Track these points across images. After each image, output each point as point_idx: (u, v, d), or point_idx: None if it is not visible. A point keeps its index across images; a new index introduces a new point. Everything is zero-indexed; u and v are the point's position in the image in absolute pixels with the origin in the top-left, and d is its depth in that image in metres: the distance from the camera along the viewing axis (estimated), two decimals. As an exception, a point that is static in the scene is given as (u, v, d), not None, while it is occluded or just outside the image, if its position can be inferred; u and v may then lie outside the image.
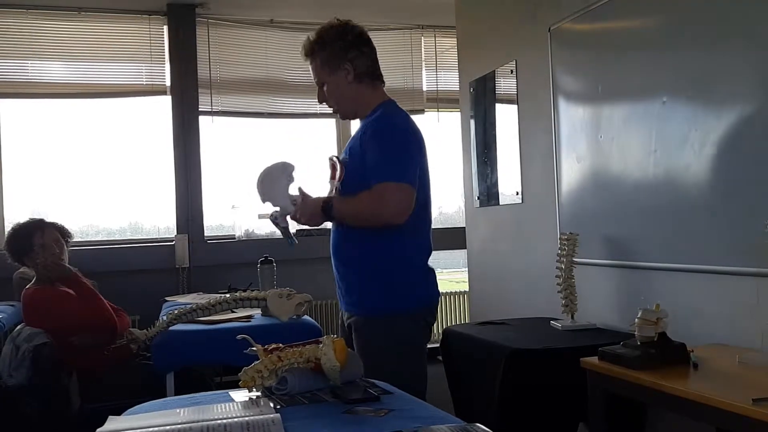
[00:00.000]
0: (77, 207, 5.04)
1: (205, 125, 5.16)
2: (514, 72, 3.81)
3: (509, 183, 3.91)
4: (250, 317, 3.08)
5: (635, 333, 2.17)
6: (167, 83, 5.09)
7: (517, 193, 3.80)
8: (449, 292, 5.79)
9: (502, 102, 4.02)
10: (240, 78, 5.26)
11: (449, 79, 5.48)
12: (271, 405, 1.48)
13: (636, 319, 2.17)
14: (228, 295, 2.99)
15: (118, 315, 3.22)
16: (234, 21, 5.25)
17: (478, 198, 4.27)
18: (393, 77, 5.44)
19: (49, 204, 4.96)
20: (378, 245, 2.14)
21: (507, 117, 3.90)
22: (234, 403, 1.52)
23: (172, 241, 5.01)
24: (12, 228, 3.27)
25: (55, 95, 4.96)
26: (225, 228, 5.32)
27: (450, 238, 5.12)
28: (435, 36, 5.69)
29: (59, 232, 3.25)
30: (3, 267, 3.48)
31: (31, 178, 4.96)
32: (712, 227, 2.46)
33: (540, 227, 3.57)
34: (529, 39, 3.62)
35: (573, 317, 3.02)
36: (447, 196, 5.91)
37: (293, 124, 5.49)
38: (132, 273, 4.78)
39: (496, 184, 4.06)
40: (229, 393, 1.64)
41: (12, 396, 2.78)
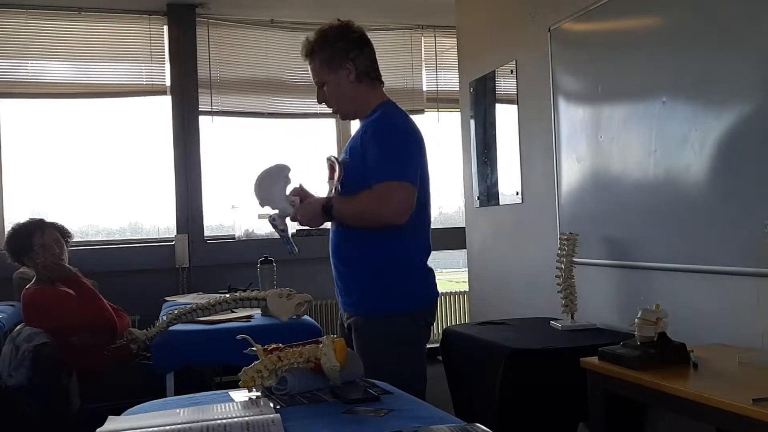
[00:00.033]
0: (77, 207, 5.04)
1: (205, 125, 5.16)
2: (514, 72, 3.81)
3: (509, 183, 3.91)
4: (250, 317, 3.08)
5: (635, 333, 2.17)
6: (167, 83, 5.09)
7: (517, 193, 3.80)
8: (449, 292, 5.79)
9: (502, 102, 4.02)
10: (240, 78, 5.26)
11: (449, 79, 5.48)
12: (271, 405, 1.48)
13: (636, 319, 2.17)
14: (228, 295, 2.99)
15: (118, 315, 3.22)
16: (234, 21, 5.25)
17: (478, 198, 4.27)
18: (393, 77, 5.44)
19: (49, 204, 4.96)
20: (378, 245, 2.14)
21: (507, 117, 3.90)
22: (234, 403, 1.52)
23: (172, 241, 5.02)
24: (12, 228, 3.27)
25: (55, 95, 4.96)
26: (225, 228, 5.32)
27: (450, 238, 5.12)
28: (435, 36, 5.69)
29: (59, 232, 3.25)
30: (3, 267, 3.48)
31: (31, 178, 4.96)
32: (712, 227, 2.46)
33: (540, 227, 3.57)
34: (529, 39, 3.62)
35: (573, 317, 3.02)
36: (447, 196, 5.91)
37: (293, 124, 5.50)
38: (132, 273, 4.78)
39: (496, 184, 4.06)
40: (229, 393, 1.64)
41: (12, 396, 2.78)
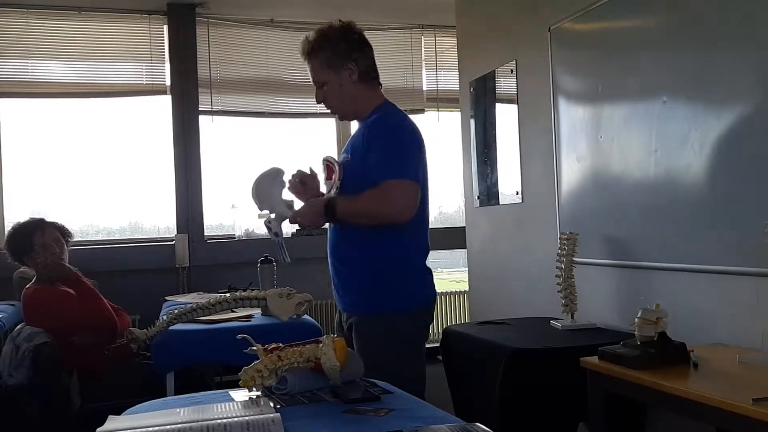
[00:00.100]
0: (77, 207, 5.04)
1: (205, 125, 5.16)
2: (514, 72, 3.81)
3: (509, 183, 3.91)
4: (250, 317, 3.08)
5: (635, 333, 2.17)
6: (167, 83, 5.09)
7: (517, 193, 3.80)
8: (449, 291, 5.79)
9: (502, 102, 4.02)
10: (240, 77, 5.26)
11: (449, 79, 5.48)
12: (271, 404, 1.48)
13: (636, 319, 2.17)
14: (228, 295, 2.98)
15: (118, 314, 3.22)
16: (234, 21, 5.25)
17: (478, 198, 4.27)
18: (393, 77, 5.45)
19: (49, 204, 4.96)
20: (377, 245, 2.14)
21: (507, 117, 3.90)
22: (234, 403, 1.52)
23: (172, 241, 5.02)
24: (12, 227, 3.27)
25: (56, 95, 4.96)
26: (225, 228, 5.33)
27: (450, 237, 5.13)
28: (435, 35, 5.69)
29: (59, 231, 3.26)
30: (3, 266, 3.48)
31: (31, 178, 4.96)
32: (712, 227, 2.46)
33: (540, 227, 3.57)
34: (529, 39, 3.62)
35: (573, 317, 3.02)
36: (447, 195, 5.91)
37: (293, 123, 5.50)
38: (132, 273, 4.78)
39: (496, 183, 4.06)
40: (229, 392, 1.63)
41: (12, 395, 2.78)
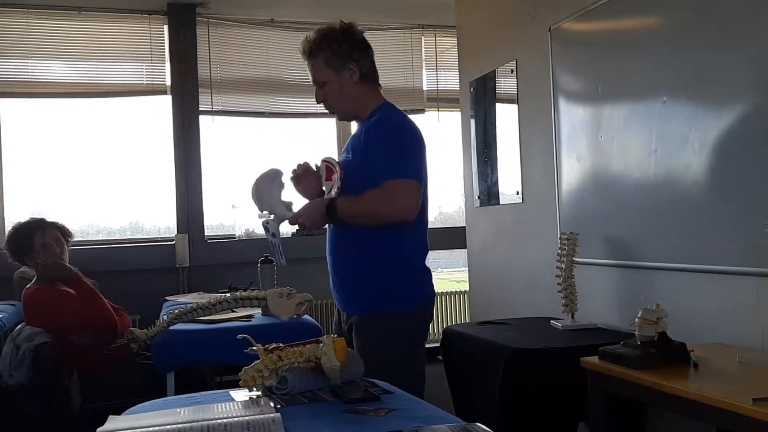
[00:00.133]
0: (77, 207, 5.04)
1: (206, 125, 5.16)
2: (514, 72, 3.81)
3: (509, 183, 3.91)
4: (250, 317, 3.08)
5: (635, 333, 2.17)
6: (167, 83, 5.09)
7: (518, 193, 3.80)
8: (449, 291, 5.78)
9: (502, 102, 4.02)
10: (240, 77, 5.26)
11: (449, 79, 5.48)
12: (272, 404, 1.48)
13: (636, 319, 2.17)
14: (228, 295, 2.98)
15: (118, 314, 3.22)
16: (234, 21, 5.25)
17: (478, 197, 4.27)
18: (393, 77, 5.45)
19: (50, 203, 4.96)
20: (377, 245, 2.14)
21: (507, 117, 3.90)
22: (234, 403, 1.52)
23: (172, 241, 5.02)
24: (12, 227, 3.27)
25: (56, 95, 4.96)
26: (225, 227, 5.33)
27: (450, 237, 5.13)
28: (435, 35, 5.69)
29: (60, 231, 3.26)
30: (3, 266, 3.48)
31: (31, 178, 4.96)
32: (712, 227, 2.46)
33: (540, 227, 3.57)
34: (529, 39, 3.62)
35: (573, 317, 3.02)
36: (447, 195, 5.91)
37: (293, 123, 5.50)
38: (132, 272, 4.79)
39: (496, 183, 4.06)
40: (230, 392, 1.63)
41: (12, 395, 2.78)
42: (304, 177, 2.26)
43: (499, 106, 4.07)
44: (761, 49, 2.26)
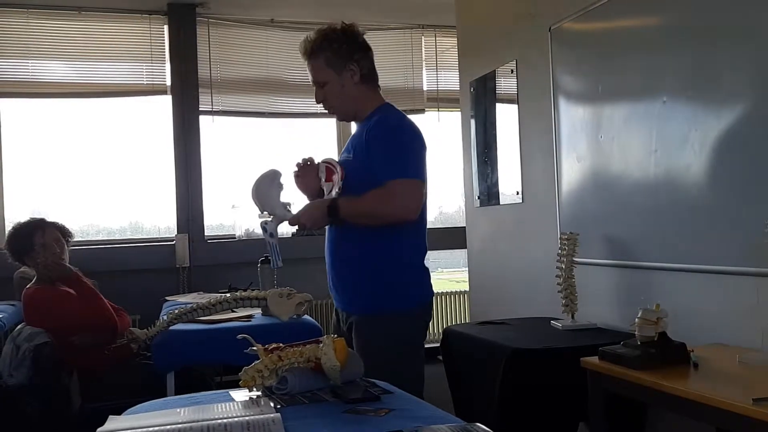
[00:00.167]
0: (77, 207, 5.04)
1: (206, 125, 5.16)
2: (514, 72, 3.81)
3: (509, 183, 3.91)
4: (250, 317, 3.08)
5: (635, 333, 2.17)
6: (167, 83, 5.09)
7: (518, 193, 3.80)
8: (449, 291, 5.78)
9: (502, 102, 4.02)
10: (240, 77, 5.26)
11: (449, 79, 5.48)
12: (272, 404, 1.48)
13: (636, 319, 2.17)
14: (228, 295, 2.99)
15: (118, 314, 3.22)
16: (234, 21, 5.26)
17: (478, 198, 4.27)
18: (393, 77, 5.45)
19: (50, 204, 4.96)
20: (378, 245, 2.15)
21: (507, 117, 3.90)
22: (234, 403, 1.52)
23: (172, 241, 5.02)
24: (13, 227, 3.28)
25: (56, 95, 4.96)
26: (225, 228, 5.33)
27: (450, 237, 5.13)
28: (435, 35, 5.69)
29: (60, 231, 3.26)
30: (3, 266, 3.49)
31: (31, 178, 4.96)
32: (712, 227, 2.46)
33: (540, 227, 3.57)
34: (529, 39, 3.62)
35: (573, 317, 3.02)
36: (447, 195, 5.91)
37: (293, 123, 5.50)
38: (132, 273, 4.79)
39: (496, 183, 4.06)
40: (230, 392, 1.64)
41: (12, 395, 2.78)
42: (305, 174, 2.26)
43: (499, 106, 4.07)
44: (761, 49, 2.26)
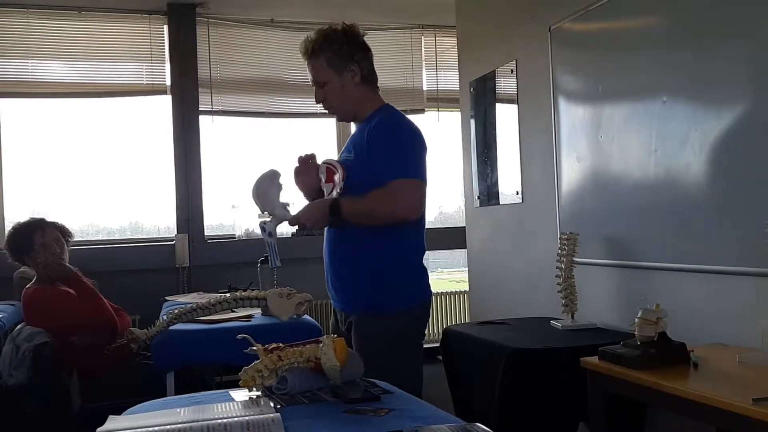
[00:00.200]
0: (77, 206, 5.04)
1: (206, 125, 5.16)
2: (514, 72, 3.81)
3: (509, 183, 3.91)
4: (250, 317, 3.08)
5: (635, 333, 2.17)
6: (167, 83, 5.09)
7: (517, 193, 3.80)
8: (449, 291, 5.78)
9: (502, 102, 4.02)
10: (240, 77, 5.26)
11: (449, 79, 5.48)
12: (272, 404, 1.48)
13: (636, 319, 2.17)
14: (228, 295, 2.99)
15: (118, 314, 3.22)
16: (234, 20, 5.25)
17: (478, 197, 4.27)
18: (393, 77, 5.45)
19: (49, 203, 4.96)
20: (378, 245, 2.15)
21: (507, 117, 3.90)
22: (234, 403, 1.52)
23: (172, 241, 5.02)
24: (12, 227, 3.28)
25: (56, 95, 4.96)
26: (225, 227, 5.32)
27: (450, 237, 5.13)
28: (435, 35, 5.69)
29: (60, 231, 3.26)
30: (3, 266, 3.48)
31: (31, 177, 4.96)
32: (712, 227, 2.46)
33: (540, 227, 3.57)
34: (529, 39, 3.62)
35: (573, 317, 3.02)
36: (447, 195, 5.91)
37: (293, 123, 5.50)
38: (132, 272, 4.78)
39: (496, 183, 4.06)
40: (229, 392, 1.64)
41: (12, 395, 2.78)
42: (305, 171, 2.26)
43: (499, 106, 4.07)
44: (761, 49, 2.26)
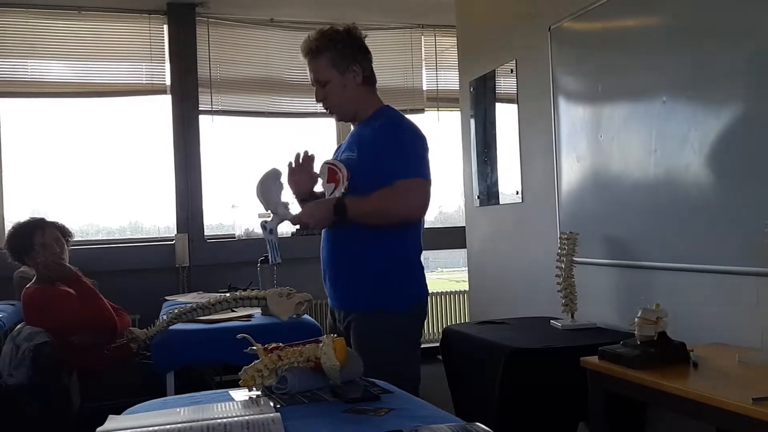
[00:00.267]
0: (77, 206, 5.04)
1: (206, 124, 5.16)
2: (514, 71, 3.81)
3: (509, 182, 3.91)
4: (250, 316, 3.08)
5: (635, 332, 2.17)
6: (167, 82, 5.09)
7: (517, 193, 3.80)
8: (449, 291, 5.79)
9: (502, 101, 4.02)
10: (240, 77, 5.26)
11: (449, 78, 5.48)
12: (271, 404, 1.48)
13: (636, 319, 2.17)
14: (228, 295, 2.99)
15: (118, 314, 3.22)
16: (234, 20, 5.25)
17: (478, 197, 4.27)
18: (393, 76, 5.45)
19: (49, 203, 4.96)
20: (378, 244, 2.15)
21: (507, 116, 3.90)
22: (234, 403, 1.52)
23: (172, 241, 5.02)
24: (12, 227, 3.28)
25: (56, 94, 4.96)
26: (225, 227, 5.33)
27: (450, 237, 5.13)
28: (435, 35, 5.69)
29: (60, 231, 3.26)
30: (3, 266, 3.49)
31: (31, 177, 4.96)
32: (712, 227, 2.46)
33: (540, 227, 3.57)
34: (529, 38, 3.61)
35: (573, 316, 3.02)
36: (447, 195, 5.91)
37: (293, 123, 5.50)
38: (132, 272, 4.78)
39: (496, 183, 4.06)
40: (229, 392, 1.63)
41: (12, 395, 2.78)
42: (299, 171, 2.26)
43: (499, 106, 4.07)
44: (761, 49, 2.26)
